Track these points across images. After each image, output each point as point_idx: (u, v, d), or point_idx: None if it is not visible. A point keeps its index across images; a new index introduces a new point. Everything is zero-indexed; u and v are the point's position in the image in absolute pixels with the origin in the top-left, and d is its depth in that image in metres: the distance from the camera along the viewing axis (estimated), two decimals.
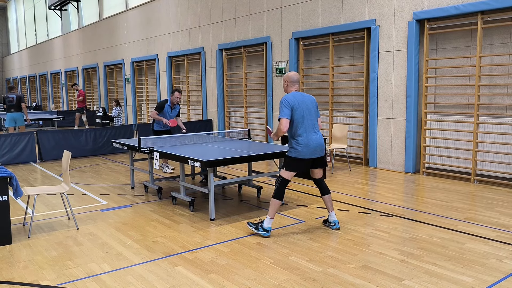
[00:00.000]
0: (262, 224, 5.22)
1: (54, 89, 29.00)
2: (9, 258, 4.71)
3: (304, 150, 5.09)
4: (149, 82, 18.21)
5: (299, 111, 5.09)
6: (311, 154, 5.13)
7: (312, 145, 5.10)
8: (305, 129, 5.10)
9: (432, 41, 8.61)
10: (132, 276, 4.20)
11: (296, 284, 3.97)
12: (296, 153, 5.11)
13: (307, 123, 5.12)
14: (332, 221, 5.46)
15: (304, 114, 5.10)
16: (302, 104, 5.12)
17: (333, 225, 5.45)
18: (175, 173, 9.20)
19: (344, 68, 10.25)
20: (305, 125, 5.10)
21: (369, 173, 8.98)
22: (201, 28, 14.27)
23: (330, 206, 5.43)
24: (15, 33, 40.57)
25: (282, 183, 5.18)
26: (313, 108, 5.24)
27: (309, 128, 5.13)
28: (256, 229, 5.24)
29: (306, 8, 10.61)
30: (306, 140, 5.08)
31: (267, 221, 5.20)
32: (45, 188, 5.77)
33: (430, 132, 8.70)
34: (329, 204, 5.43)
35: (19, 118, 12.79)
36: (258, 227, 5.23)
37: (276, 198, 5.16)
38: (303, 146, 5.08)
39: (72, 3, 25.80)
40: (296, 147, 5.11)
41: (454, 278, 4.04)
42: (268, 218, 5.19)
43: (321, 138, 5.23)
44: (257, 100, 12.74)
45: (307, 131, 5.11)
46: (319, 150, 5.19)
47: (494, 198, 6.81)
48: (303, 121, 5.09)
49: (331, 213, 5.45)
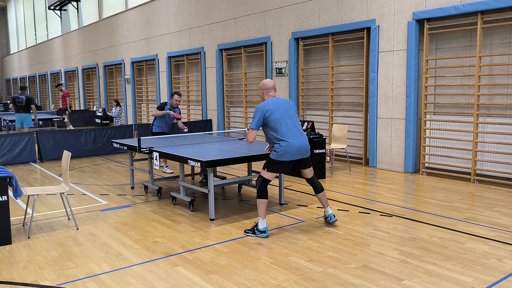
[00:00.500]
0: (257, 227, 5.24)
1: (54, 89, 28.99)
2: (9, 258, 4.71)
3: (286, 153, 5.12)
4: (149, 82, 18.21)
5: (275, 115, 5.11)
6: (292, 156, 5.16)
7: (294, 148, 5.13)
8: (285, 132, 5.12)
9: (432, 41, 8.61)
10: (132, 276, 4.20)
11: (296, 284, 3.97)
12: (276, 156, 5.16)
13: (286, 126, 5.14)
14: (327, 215, 5.55)
15: (281, 117, 5.13)
16: (277, 108, 5.14)
17: (329, 219, 5.54)
18: (175, 173, 9.20)
19: (344, 68, 10.25)
20: (284, 128, 5.12)
21: (369, 173, 8.98)
22: (201, 28, 14.27)
23: (325, 203, 5.55)
24: (14, 33, 40.57)
25: (263, 183, 5.25)
26: (293, 110, 5.27)
27: (290, 131, 5.14)
28: (254, 233, 5.26)
29: (306, 8, 10.61)
30: (287, 143, 5.11)
31: (261, 222, 5.23)
32: (45, 188, 5.77)
33: (430, 132, 8.70)
34: (323, 201, 5.54)
35: (26, 119, 13.00)
36: (255, 231, 5.26)
37: (260, 198, 5.22)
38: (284, 148, 5.11)
39: (71, 3, 25.80)
40: (277, 150, 5.14)
41: (454, 278, 4.04)
42: (260, 219, 5.23)
43: (305, 139, 5.25)
44: (256, 100, 12.73)
45: (289, 134, 5.13)
46: (303, 152, 5.22)
47: (494, 198, 6.81)
48: (280, 125, 5.12)
49: (326, 208, 5.56)
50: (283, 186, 6.66)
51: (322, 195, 5.51)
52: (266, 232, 5.21)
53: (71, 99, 26.29)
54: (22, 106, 12.85)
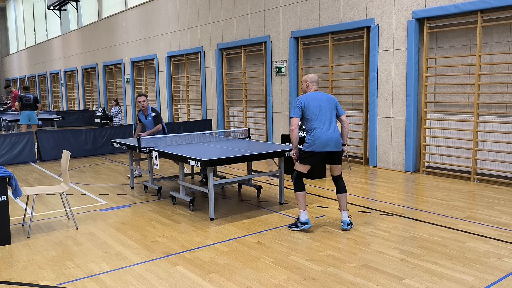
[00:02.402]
0: (299, 220, 5.36)
1: (54, 89, 28.99)
2: (9, 258, 4.70)
3: (315, 143, 5.25)
4: (149, 82, 18.20)
5: (311, 108, 5.29)
6: (322, 147, 5.26)
7: (323, 139, 5.24)
8: (318, 124, 5.28)
9: (432, 40, 8.60)
10: (132, 276, 4.19)
11: (296, 284, 3.95)
12: (307, 146, 5.31)
13: (320, 118, 5.29)
14: (342, 221, 5.46)
15: (316, 110, 5.29)
16: (314, 101, 5.31)
17: (342, 225, 5.42)
18: (175, 173, 9.19)
19: (344, 67, 10.24)
20: (318, 120, 5.28)
21: (369, 172, 8.97)
22: (201, 27, 14.26)
23: (343, 206, 5.47)
24: (14, 33, 40.56)
25: (298, 176, 5.38)
26: (329, 105, 5.38)
27: (322, 123, 5.29)
28: (297, 226, 5.37)
29: (306, 7, 10.60)
30: (318, 133, 5.25)
31: (302, 215, 5.35)
32: (45, 188, 5.76)
33: (430, 131, 8.69)
34: (342, 204, 5.47)
35: (34, 116, 13.47)
36: (298, 224, 5.37)
37: (298, 191, 5.34)
38: (315, 139, 5.26)
39: (71, 3, 25.79)
40: (308, 141, 5.31)
41: (455, 277, 4.03)
42: (301, 212, 5.35)
43: (336, 133, 5.32)
44: (256, 99, 12.73)
45: (321, 126, 5.28)
46: (332, 144, 5.29)
47: (494, 197, 6.80)
48: (314, 117, 5.29)
49: (343, 212, 5.47)
50: (283, 186, 6.65)
51: (342, 197, 5.46)
52: (309, 223, 5.34)
53: (71, 99, 26.30)
54: (30, 104, 13.42)
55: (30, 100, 13.40)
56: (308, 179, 8.29)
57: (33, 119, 13.47)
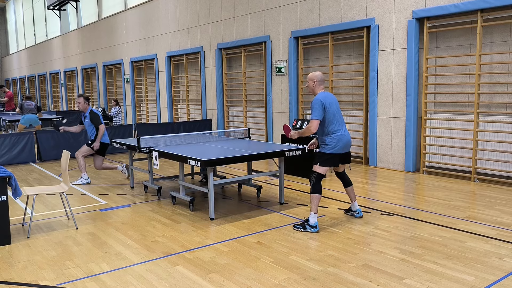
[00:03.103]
0: (308, 222, 5.35)
1: (53, 89, 28.98)
2: (8, 258, 4.69)
3: (338, 145, 5.37)
4: (148, 82, 18.18)
5: (331, 110, 5.35)
6: (342, 149, 5.42)
7: (344, 141, 5.40)
8: (338, 126, 5.40)
9: (432, 40, 8.60)
10: (132, 276, 4.18)
11: (296, 283, 3.95)
12: (329, 149, 5.38)
13: (338, 120, 5.41)
14: (355, 209, 5.82)
15: (335, 111, 5.40)
16: (333, 102, 5.40)
17: (357, 213, 5.80)
18: (175, 173, 9.18)
19: (344, 67, 10.24)
20: (337, 122, 5.39)
21: (369, 172, 8.96)
22: (200, 27, 14.25)
23: (353, 197, 5.80)
24: (14, 33, 40.54)
25: (318, 178, 5.38)
26: (338, 106, 5.53)
27: (341, 125, 5.43)
28: (304, 228, 5.35)
29: (306, 7, 10.59)
30: (340, 136, 5.37)
31: (312, 217, 5.33)
32: (44, 188, 5.75)
33: (430, 130, 8.68)
34: (352, 195, 5.78)
35: (35, 119, 13.74)
36: (305, 226, 5.35)
37: (314, 193, 5.35)
38: (337, 141, 5.35)
39: (71, 3, 25.77)
40: (330, 144, 5.36)
41: (455, 277, 4.02)
42: (312, 214, 5.33)
43: (349, 135, 5.54)
44: (256, 99, 12.72)
45: (340, 128, 5.41)
46: (349, 145, 5.53)
47: (495, 197, 6.80)
48: (335, 118, 5.37)
49: (354, 202, 5.82)
50: (283, 186, 6.65)
51: (351, 189, 5.76)
52: (317, 227, 5.31)
53: (71, 99, 26.29)
54: (31, 108, 13.88)
55: (31, 106, 13.90)
56: (308, 179, 8.28)
57: (35, 122, 13.74)
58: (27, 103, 13.90)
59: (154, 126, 13.27)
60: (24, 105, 13.87)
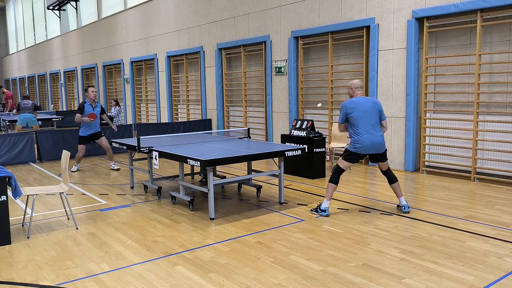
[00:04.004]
0: (320, 206, 5.93)
1: (53, 89, 28.97)
2: (8, 258, 4.70)
3: (360, 147, 5.77)
4: (148, 82, 18.18)
5: (356, 113, 5.77)
6: (366, 150, 5.81)
7: (367, 143, 5.75)
8: (363, 129, 5.76)
9: (432, 39, 8.60)
10: (132, 276, 4.18)
11: (296, 283, 3.95)
12: (352, 148, 5.84)
13: (364, 123, 5.76)
14: (402, 205, 6.03)
15: (361, 115, 5.76)
16: (360, 106, 5.79)
17: (403, 208, 6.01)
18: (175, 173, 9.19)
19: (344, 67, 10.24)
20: (361, 126, 5.76)
21: (369, 171, 8.97)
22: (200, 27, 14.25)
23: (399, 193, 6.04)
24: (13, 33, 40.52)
25: (338, 171, 5.93)
26: (374, 110, 5.84)
27: (366, 128, 5.76)
28: (316, 211, 5.97)
29: (305, 6, 10.59)
30: (362, 138, 5.75)
31: (324, 203, 5.93)
32: (44, 188, 5.76)
33: (430, 130, 8.69)
34: (397, 191, 6.03)
35: (31, 119, 13.66)
36: (318, 210, 5.96)
37: (331, 183, 5.90)
38: (359, 143, 5.77)
39: (70, 3, 25.76)
40: (354, 144, 5.83)
41: (455, 276, 4.02)
42: (325, 200, 5.93)
43: (379, 137, 5.83)
44: (256, 99, 12.72)
45: (364, 131, 5.76)
46: (376, 148, 5.83)
47: (494, 196, 6.80)
48: (359, 122, 5.77)
49: (400, 198, 6.05)
50: (283, 185, 6.65)
51: (396, 186, 6.01)
52: (327, 211, 5.90)
53: (71, 99, 26.30)
54: (28, 107, 13.69)
55: (28, 104, 13.71)
56: (308, 179, 8.29)
57: (32, 121, 13.63)
58: (24, 102, 13.81)
59: (154, 126, 13.26)
60: (21, 104, 13.80)
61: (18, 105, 13.85)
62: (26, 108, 13.67)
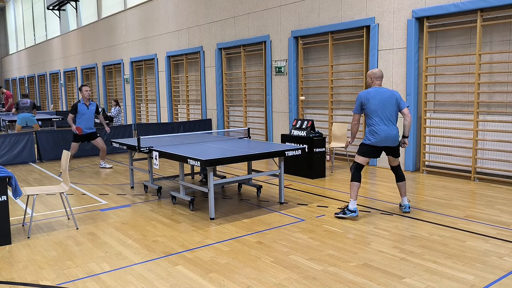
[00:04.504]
0: (348, 207, 5.70)
1: (53, 89, 28.97)
2: (9, 258, 4.70)
3: (375, 139, 5.67)
4: (148, 82, 18.19)
5: (371, 105, 5.65)
6: (379, 142, 5.68)
7: (382, 134, 5.65)
8: (377, 120, 5.65)
9: (432, 39, 8.60)
10: (132, 276, 4.19)
11: (297, 283, 3.95)
12: (367, 141, 5.74)
13: (380, 115, 5.64)
14: (403, 204, 6.02)
15: (377, 107, 5.64)
16: (375, 97, 5.65)
17: (404, 208, 6.01)
18: (175, 173, 9.19)
19: (344, 67, 10.24)
20: (377, 116, 5.64)
21: (369, 171, 8.97)
22: (200, 27, 14.25)
23: (403, 192, 5.99)
24: (13, 33, 40.53)
25: (357, 167, 5.80)
26: (391, 101, 5.69)
27: (382, 120, 5.65)
28: (344, 214, 5.70)
29: (305, 6, 10.59)
30: (377, 130, 5.65)
31: (352, 203, 5.70)
32: (45, 188, 5.76)
33: (430, 130, 8.69)
34: (402, 190, 5.98)
35: (30, 118, 13.69)
36: (345, 212, 5.70)
37: (353, 181, 5.74)
38: (373, 134, 5.68)
39: (70, 3, 25.77)
40: (368, 136, 5.73)
41: (455, 276, 4.03)
42: (351, 201, 5.71)
43: (394, 130, 5.72)
44: (256, 99, 12.72)
45: (380, 122, 5.65)
46: (390, 140, 5.71)
47: (495, 196, 6.80)
48: (375, 113, 5.65)
49: (403, 198, 6.02)
50: (283, 185, 6.65)
51: (403, 184, 5.96)
52: (356, 212, 5.68)
53: (70, 100, 26.29)
54: (27, 106, 13.70)
55: (27, 103, 13.73)
56: (308, 179, 8.29)
57: (31, 121, 13.65)
58: (23, 101, 13.81)
59: (154, 126, 13.27)
60: (19, 103, 13.80)
61: (17, 104, 13.84)
62: (25, 107, 13.67)
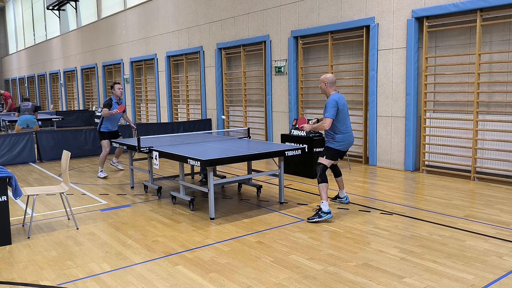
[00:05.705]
0: (322, 210, 5.68)
1: (53, 89, 28.97)
2: (9, 259, 4.70)
3: (344, 144, 5.91)
4: (148, 82, 18.19)
5: (344, 109, 5.87)
6: (346, 146, 5.98)
7: (349, 140, 5.98)
8: (346, 127, 5.91)
9: (431, 39, 8.60)
10: (132, 276, 4.19)
11: (297, 283, 3.96)
12: (336, 145, 5.91)
13: (347, 121, 5.93)
14: (343, 196, 6.43)
15: (345, 113, 5.90)
16: (343, 104, 5.87)
17: (344, 199, 6.42)
18: (175, 173, 9.19)
19: (343, 67, 10.24)
20: (347, 122, 5.93)
21: (369, 171, 8.97)
22: (200, 27, 14.25)
23: (342, 186, 6.42)
24: (13, 33, 40.52)
25: (323, 169, 5.88)
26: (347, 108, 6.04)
27: (349, 125, 5.97)
28: (320, 217, 5.66)
29: (305, 6, 10.59)
30: (347, 135, 5.92)
31: (324, 205, 5.69)
32: (45, 188, 5.76)
33: (430, 130, 8.69)
34: (341, 184, 6.41)
35: (31, 120, 13.71)
36: (320, 215, 5.66)
37: (322, 183, 5.80)
38: (343, 140, 5.89)
39: (70, 3, 25.76)
40: (338, 141, 5.89)
41: (455, 276, 4.03)
42: (323, 202, 5.70)
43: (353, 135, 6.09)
44: (256, 99, 12.73)
45: (349, 129, 5.96)
46: (352, 144, 6.10)
47: (494, 196, 6.81)
48: (345, 118, 5.89)
49: (342, 190, 6.42)
50: (283, 185, 6.65)
51: (341, 179, 6.40)
52: (331, 213, 5.70)
53: (70, 100, 26.29)
54: (28, 108, 13.78)
55: (28, 106, 13.82)
56: (308, 179, 8.30)
57: (32, 123, 13.68)
58: (24, 104, 13.91)
59: (154, 126, 13.27)
60: (21, 106, 13.90)
61: (19, 107, 13.92)
62: (26, 109, 13.76)
